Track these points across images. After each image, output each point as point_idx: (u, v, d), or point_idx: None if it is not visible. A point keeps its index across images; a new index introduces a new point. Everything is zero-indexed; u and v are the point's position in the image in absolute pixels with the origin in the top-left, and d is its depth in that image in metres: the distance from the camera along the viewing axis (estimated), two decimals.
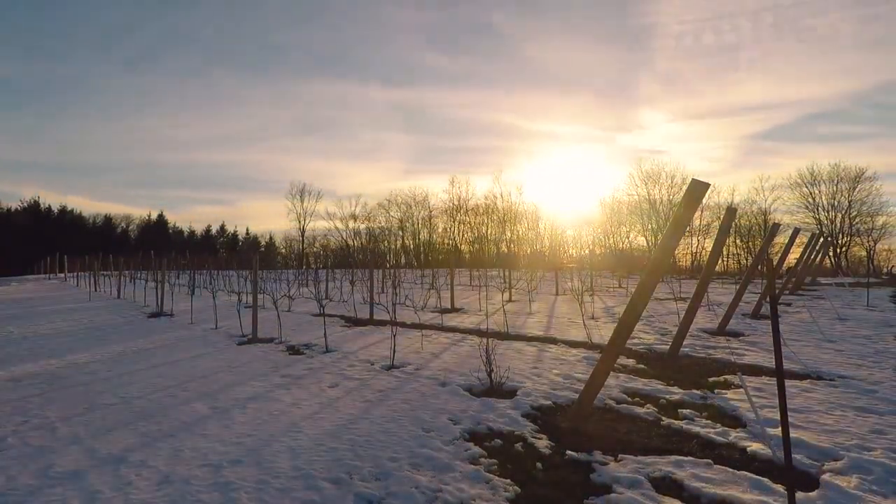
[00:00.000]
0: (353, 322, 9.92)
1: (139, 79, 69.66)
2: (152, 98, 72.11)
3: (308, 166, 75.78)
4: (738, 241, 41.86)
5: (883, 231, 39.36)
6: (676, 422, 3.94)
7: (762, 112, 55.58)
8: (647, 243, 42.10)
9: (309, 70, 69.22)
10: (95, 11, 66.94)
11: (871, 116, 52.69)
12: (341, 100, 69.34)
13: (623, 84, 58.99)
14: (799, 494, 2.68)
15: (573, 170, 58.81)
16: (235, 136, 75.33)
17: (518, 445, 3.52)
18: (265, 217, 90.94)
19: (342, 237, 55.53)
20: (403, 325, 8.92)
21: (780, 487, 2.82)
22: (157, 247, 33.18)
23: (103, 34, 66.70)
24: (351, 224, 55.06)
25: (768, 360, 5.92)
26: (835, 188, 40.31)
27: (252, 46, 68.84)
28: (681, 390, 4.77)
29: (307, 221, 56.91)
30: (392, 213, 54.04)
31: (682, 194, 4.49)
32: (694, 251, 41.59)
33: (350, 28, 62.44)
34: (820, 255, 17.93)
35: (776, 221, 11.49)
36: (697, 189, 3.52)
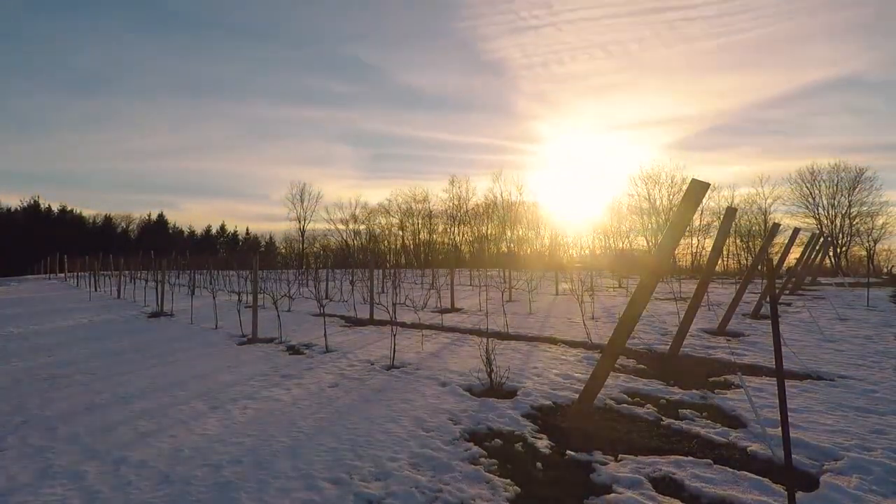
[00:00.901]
0: (353, 322, 9.92)
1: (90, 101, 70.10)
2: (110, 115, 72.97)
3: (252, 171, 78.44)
4: (738, 241, 41.87)
5: (883, 231, 39.42)
6: (676, 422, 3.94)
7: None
8: (648, 243, 42.11)
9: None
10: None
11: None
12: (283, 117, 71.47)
13: (505, 105, 63.51)
14: (799, 494, 2.68)
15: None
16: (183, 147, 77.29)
17: (518, 445, 3.52)
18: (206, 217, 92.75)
19: (342, 237, 55.57)
20: (403, 325, 8.92)
21: (780, 487, 2.82)
22: (157, 247, 33.19)
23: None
24: (351, 225, 55.10)
25: (768, 360, 5.91)
26: (835, 188, 40.37)
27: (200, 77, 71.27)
28: (681, 390, 4.77)
29: (306, 223, 56.96)
30: (392, 213, 54.10)
31: (681, 195, 4.49)
32: (694, 251, 41.62)
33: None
34: (820, 255, 17.93)
35: (776, 221, 11.48)
36: (697, 189, 3.52)
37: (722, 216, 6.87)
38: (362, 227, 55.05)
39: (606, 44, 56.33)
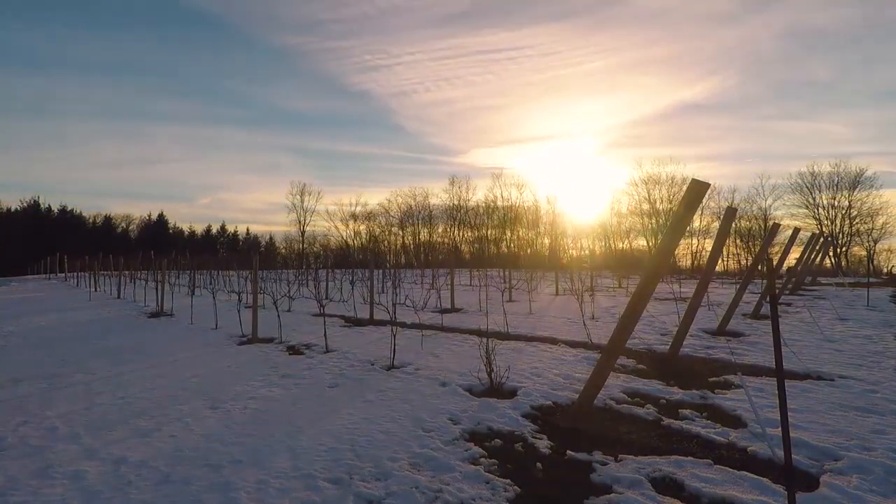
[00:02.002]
0: (354, 322, 9.92)
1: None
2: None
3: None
4: (738, 241, 41.88)
5: (883, 231, 39.43)
6: (676, 422, 3.94)
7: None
8: (648, 243, 42.11)
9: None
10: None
11: None
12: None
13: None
14: (799, 494, 2.68)
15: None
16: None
17: (518, 445, 3.52)
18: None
19: (342, 237, 55.56)
20: (403, 325, 8.92)
21: (780, 487, 2.82)
22: (157, 247, 33.20)
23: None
24: (351, 225, 55.08)
25: (768, 360, 5.91)
26: (835, 188, 40.38)
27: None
28: (681, 390, 4.77)
29: (307, 221, 56.96)
30: (392, 213, 54.09)
31: (682, 195, 4.48)
32: (694, 251, 41.63)
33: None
34: (820, 255, 17.93)
35: (776, 221, 11.47)
36: (697, 189, 3.52)
37: (722, 216, 6.86)
38: (362, 227, 55.10)
39: (451, 77, 64.51)
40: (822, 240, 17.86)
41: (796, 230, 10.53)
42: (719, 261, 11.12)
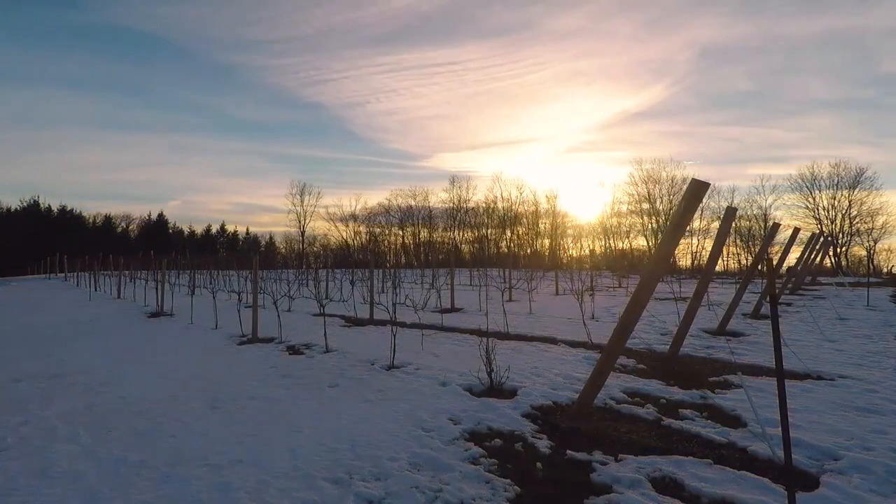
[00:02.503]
0: (354, 322, 9.92)
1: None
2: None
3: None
4: (738, 241, 41.87)
5: (883, 231, 39.42)
6: (676, 421, 3.94)
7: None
8: (648, 243, 42.11)
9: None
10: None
11: None
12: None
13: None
14: (799, 494, 2.68)
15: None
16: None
17: (518, 445, 3.52)
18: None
19: (342, 237, 55.54)
20: (403, 324, 8.92)
21: (780, 487, 2.82)
22: (157, 247, 33.20)
23: None
24: (351, 224, 55.05)
25: (768, 360, 5.91)
26: (835, 188, 40.39)
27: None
28: (681, 390, 4.77)
29: (307, 221, 56.94)
30: (392, 213, 54.07)
31: (682, 194, 4.47)
32: (694, 251, 41.62)
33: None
34: (820, 255, 17.92)
35: (776, 221, 11.47)
36: (697, 189, 3.52)
37: (722, 216, 6.86)
38: (362, 227, 55.09)
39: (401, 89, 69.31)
40: (822, 239, 17.85)
41: (796, 230, 10.52)
42: (719, 261, 11.11)
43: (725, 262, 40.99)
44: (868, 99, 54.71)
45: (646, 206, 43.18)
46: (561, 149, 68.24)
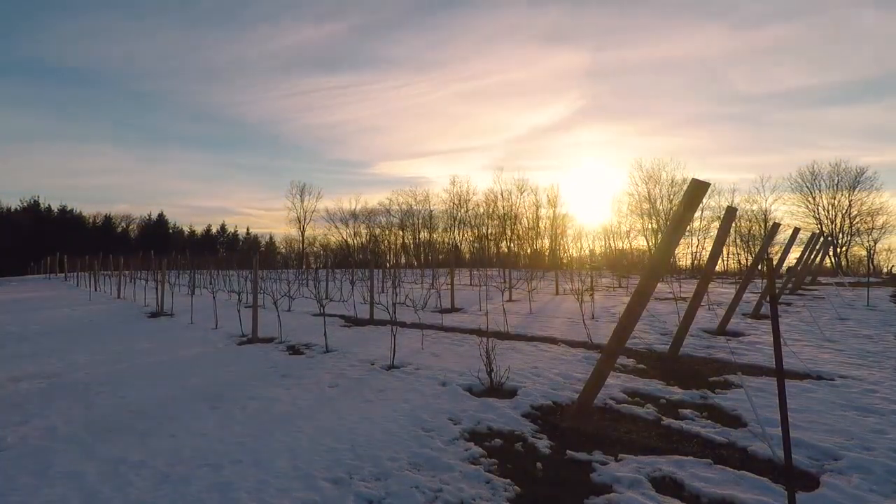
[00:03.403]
0: (354, 322, 9.92)
1: None
2: None
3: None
4: (738, 241, 41.87)
5: (883, 231, 39.43)
6: (676, 421, 3.94)
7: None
8: (648, 243, 42.11)
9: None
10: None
11: None
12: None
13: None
14: (799, 494, 2.68)
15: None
16: None
17: (518, 445, 3.53)
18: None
19: (342, 236, 55.52)
20: (403, 324, 8.92)
21: (780, 487, 2.82)
22: (157, 247, 33.18)
23: None
24: (351, 224, 55.04)
25: (768, 360, 5.92)
26: (835, 188, 40.39)
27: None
28: (681, 390, 4.77)
29: (307, 221, 56.94)
30: (392, 213, 54.07)
31: (682, 194, 4.48)
32: (694, 251, 41.61)
33: None
34: (820, 255, 17.92)
35: (776, 221, 11.47)
36: (697, 189, 3.52)
37: (722, 216, 6.85)
38: (362, 226, 55.08)
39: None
40: (822, 239, 17.85)
41: (796, 230, 10.52)
42: (719, 261, 11.11)
43: (725, 262, 41.01)
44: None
45: (646, 206, 43.22)
46: (497, 157, 74.85)
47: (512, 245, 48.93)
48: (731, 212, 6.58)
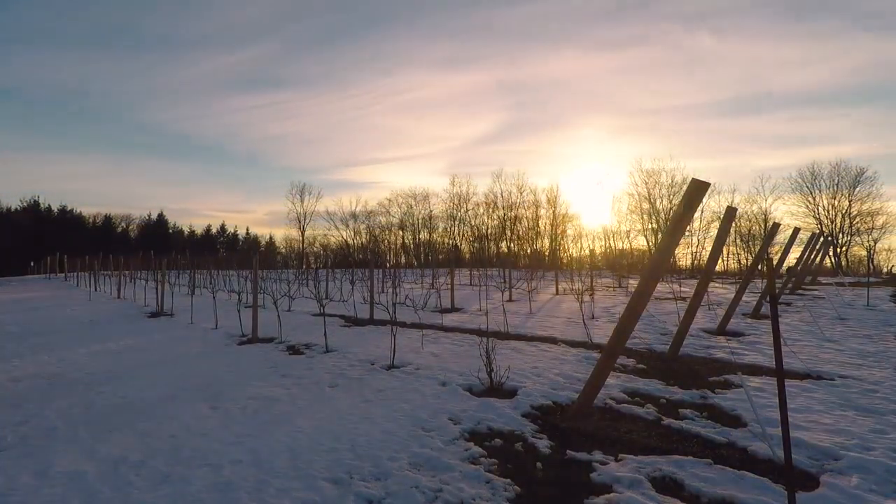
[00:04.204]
0: (354, 322, 9.92)
1: None
2: None
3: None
4: (738, 241, 41.86)
5: (883, 231, 39.43)
6: (676, 422, 3.94)
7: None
8: (648, 243, 42.10)
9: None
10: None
11: None
12: None
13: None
14: (799, 494, 2.68)
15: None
16: None
17: (518, 445, 3.53)
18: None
19: (342, 236, 55.50)
20: (403, 324, 8.92)
21: (780, 487, 2.82)
22: (157, 247, 33.19)
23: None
24: (351, 224, 55.00)
25: (768, 360, 5.92)
26: (835, 188, 40.40)
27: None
28: (681, 390, 4.77)
29: (307, 221, 56.91)
30: (392, 213, 54.05)
31: (682, 194, 4.47)
32: (694, 251, 41.60)
33: None
34: (820, 255, 17.92)
35: (776, 221, 11.47)
36: (697, 189, 3.52)
37: (722, 216, 6.85)
38: (362, 226, 55.04)
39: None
40: (822, 239, 17.86)
41: (796, 230, 10.52)
42: (719, 261, 11.12)
43: (725, 262, 40.97)
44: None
45: (646, 205, 43.20)
46: (446, 163, 77.32)
47: (512, 245, 48.93)
48: (731, 212, 6.58)
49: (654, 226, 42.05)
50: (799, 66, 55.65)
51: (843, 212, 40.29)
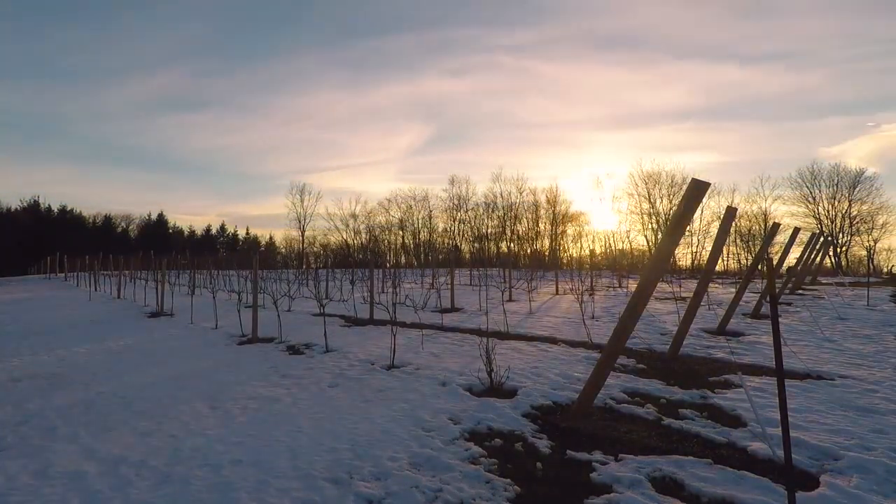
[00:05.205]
0: (354, 322, 9.92)
1: None
2: None
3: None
4: (738, 241, 41.85)
5: (883, 231, 39.43)
6: (676, 421, 3.94)
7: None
8: (648, 243, 42.10)
9: None
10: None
11: None
12: None
13: None
14: (799, 494, 2.68)
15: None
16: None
17: (518, 445, 3.52)
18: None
19: (342, 236, 55.47)
20: (403, 324, 8.92)
21: (780, 487, 2.82)
22: (157, 247, 33.17)
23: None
24: (351, 223, 54.98)
25: (768, 360, 5.91)
26: (835, 188, 40.40)
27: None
28: (681, 390, 4.77)
29: (307, 221, 56.89)
30: (392, 213, 54.03)
31: (682, 194, 4.47)
32: (694, 251, 41.59)
33: None
34: (820, 255, 17.92)
35: (776, 221, 11.47)
36: (697, 188, 3.52)
37: (722, 216, 6.85)
38: (362, 226, 55.02)
39: None
40: (822, 239, 17.86)
41: (796, 230, 10.52)
42: (719, 261, 11.12)
43: (725, 262, 40.94)
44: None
45: (646, 205, 43.20)
46: (395, 169, 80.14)
47: (512, 245, 48.93)
48: (731, 212, 6.58)
49: (655, 226, 42.07)
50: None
51: (843, 212, 40.31)
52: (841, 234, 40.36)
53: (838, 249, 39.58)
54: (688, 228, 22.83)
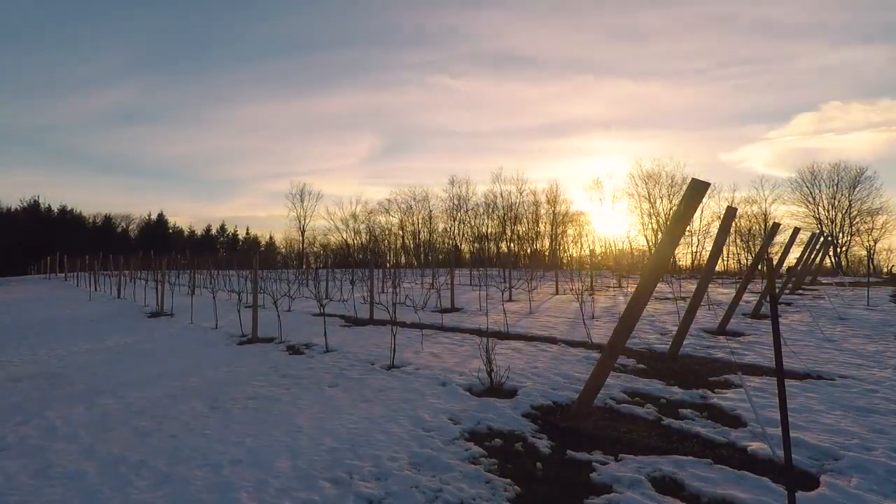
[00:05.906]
0: (353, 322, 9.92)
1: None
2: None
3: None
4: (738, 241, 41.86)
5: (883, 231, 39.44)
6: (676, 421, 3.94)
7: None
8: (648, 243, 42.10)
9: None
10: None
11: None
12: None
13: None
14: (799, 494, 2.68)
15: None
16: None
17: (518, 445, 3.52)
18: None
19: (342, 237, 55.48)
20: (403, 324, 8.92)
21: (780, 487, 2.82)
22: (157, 247, 33.18)
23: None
24: (351, 223, 54.98)
25: (768, 360, 5.91)
26: (835, 188, 40.41)
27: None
28: (681, 390, 4.77)
29: (307, 221, 56.90)
30: (392, 213, 54.04)
31: (682, 194, 4.49)
32: (694, 251, 41.61)
33: None
34: (820, 255, 17.92)
35: (776, 221, 11.47)
36: (697, 188, 3.52)
37: (722, 216, 6.85)
38: (362, 226, 55.02)
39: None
40: (822, 239, 17.85)
41: (796, 230, 10.53)
42: (719, 261, 11.12)
43: (725, 262, 40.96)
44: None
45: (646, 205, 43.21)
46: (362, 174, 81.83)
47: (512, 245, 48.93)
48: (730, 212, 6.58)
49: (655, 226, 42.07)
50: None
51: (844, 212, 40.32)
52: (841, 235, 40.37)
53: (838, 249, 39.58)
54: (688, 228, 22.83)
